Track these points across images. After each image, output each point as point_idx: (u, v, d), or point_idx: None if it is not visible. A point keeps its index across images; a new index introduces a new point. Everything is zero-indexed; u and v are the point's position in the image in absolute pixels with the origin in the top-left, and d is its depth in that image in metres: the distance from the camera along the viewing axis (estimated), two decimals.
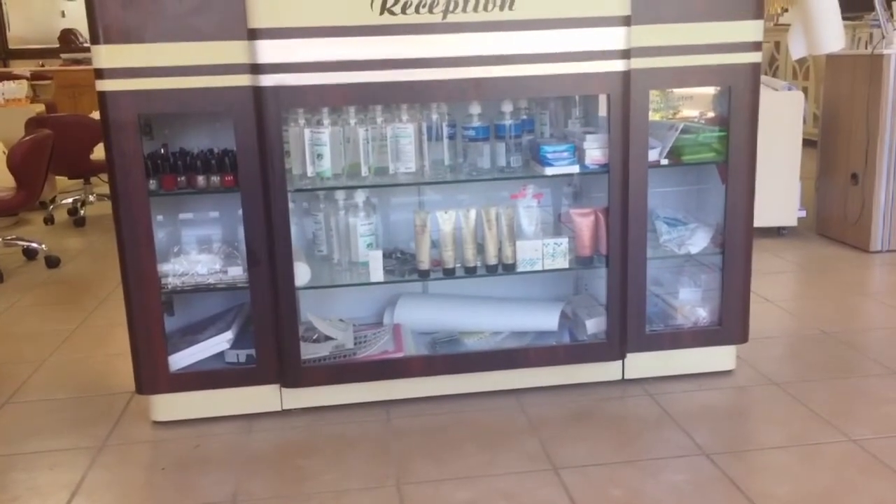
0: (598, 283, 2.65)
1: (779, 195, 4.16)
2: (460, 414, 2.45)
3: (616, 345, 2.52)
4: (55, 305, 3.76)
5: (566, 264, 2.50)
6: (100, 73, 2.17)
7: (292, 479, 2.14)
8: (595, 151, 2.42)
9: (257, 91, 2.20)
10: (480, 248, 2.47)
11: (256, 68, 2.18)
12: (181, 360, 2.43)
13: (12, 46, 9.64)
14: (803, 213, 4.31)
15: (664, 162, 2.50)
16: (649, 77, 2.36)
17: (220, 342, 2.48)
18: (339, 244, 2.56)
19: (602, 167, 2.42)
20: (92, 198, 5.66)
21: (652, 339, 2.57)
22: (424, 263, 2.46)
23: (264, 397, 2.45)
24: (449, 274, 2.47)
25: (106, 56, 2.16)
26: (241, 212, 2.30)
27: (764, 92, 2.51)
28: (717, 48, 2.37)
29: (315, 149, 2.37)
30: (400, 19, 2.19)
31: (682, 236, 2.60)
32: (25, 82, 6.65)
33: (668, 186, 2.77)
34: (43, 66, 8.98)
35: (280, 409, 2.47)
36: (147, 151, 2.35)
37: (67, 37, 9.40)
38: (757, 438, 2.29)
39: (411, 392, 2.52)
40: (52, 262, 4.37)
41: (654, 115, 2.56)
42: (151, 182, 2.30)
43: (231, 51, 2.18)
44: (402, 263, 2.56)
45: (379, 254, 2.44)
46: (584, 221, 2.49)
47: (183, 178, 2.34)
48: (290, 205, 2.32)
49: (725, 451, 2.19)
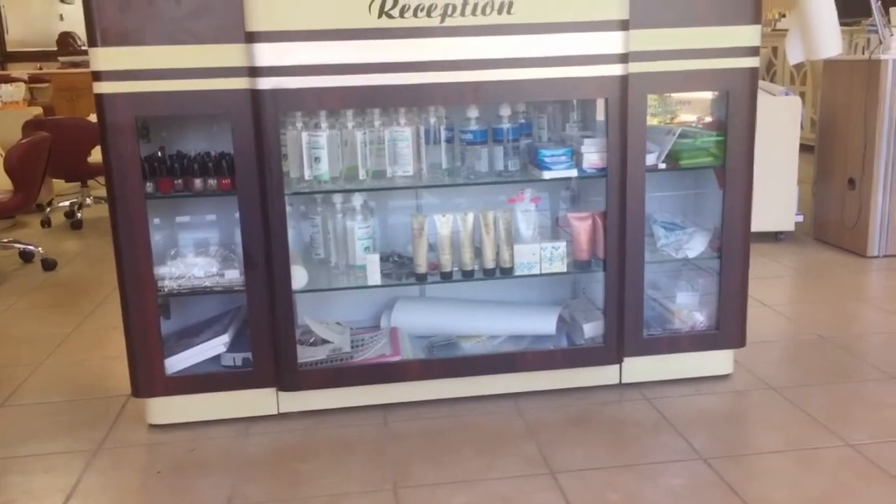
0: (595, 287, 2.65)
1: (776, 200, 4.17)
2: (457, 418, 2.45)
3: (613, 349, 2.52)
4: (51, 308, 3.75)
5: (564, 268, 2.50)
6: (97, 76, 2.17)
7: (289, 482, 2.13)
8: (593, 155, 2.42)
9: (255, 94, 2.20)
10: (478, 252, 2.47)
11: (254, 71, 2.18)
12: (177, 363, 2.42)
13: (10, 49, 9.64)
14: (800, 218, 4.32)
15: (662, 166, 2.50)
16: (647, 81, 2.36)
17: (216, 345, 2.47)
18: (337, 247, 2.55)
19: (600, 171, 2.42)
20: (89, 201, 5.66)
21: (649, 343, 2.56)
22: (422, 267, 2.45)
23: (261, 401, 2.45)
24: (446, 277, 2.47)
25: (103, 58, 2.16)
26: (238, 215, 2.30)
27: (761, 97, 2.52)
28: (714, 52, 2.38)
29: (312, 152, 2.37)
30: (398, 23, 2.19)
31: (680, 240, 2.60)
32: (23, 85, 6.66)
33: (665, 191, 2.77)
34: (41, 69, 8.98)
35: (277, 412, 2.47)
36: (144, 154, 2.34)
37: (65, 40, 9.40)
38: (754, 443, 2.29)
39: (408, 396, 2.51)
40: (49, 265, 4.36)
41: (652, 120, 2.56)
42: (148, 185, 2.30)
43: (229, 54, 2.18)
44: (399, 267, 2.56)
45: (376, 257, 2.44)
46: (582, 225, 2.49)
47: (180, 182, 2.34)
48: (288, 208, 2.31)
49: (723, 456, 2.19)
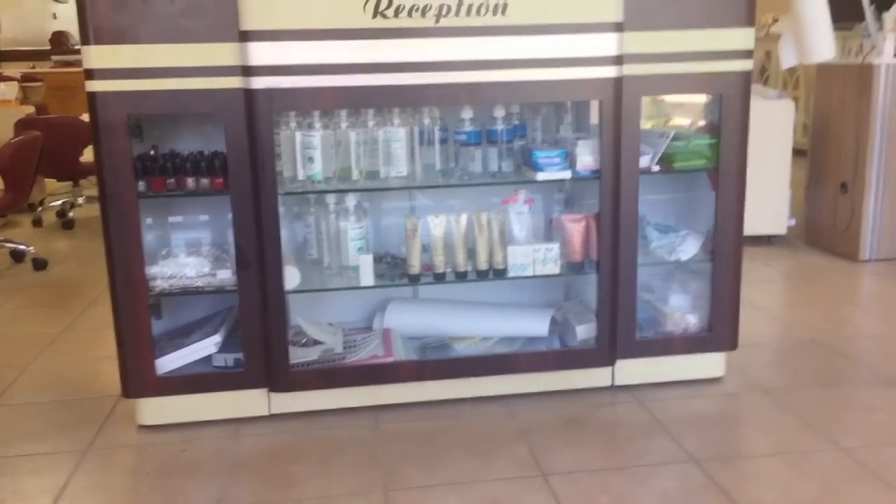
0: (588, 289, 2.65)
1: (769, 204, 4.18)
2: (449, 419, 2.44)
3: (606, 351, 2.52)
4: (42, 308, 3.73)
5: (557, 270, 2.50)
6: (90, 74, 2.16)
7: (279, 484, 2.12)
8: (587, 157, 2.42)
9: (249, 93, 2.19)
10: (471, 253, 2.47)
11: (248, 70, 2.17)
12: (168, 363, 2.41)
13: (3, 48, 9.60)
14: (793, 222, 4.33)
15: (655, 168, 2.50)
16: (641, 83, 2.36)
17: (207, 346, 2.46)
18: (330, 248, 2.54)
19: (593, 173, 2.42)
20: (81, 200, 5.63)
21: (642, 345, 2.56)
22: (415, 268, 2.45)
23: (252, 402, 2.43)
24: (439, 279, 2.47)
25: (96, 56, 2.15)
26: (230, 215, 2.29)
27: (755, 101, 2.51)
28: (708, 56, 2.38)
29: (306, 152, 2.36)
30: (392, 23, 2.19)
31: (673, 243, 2.60)
32: (16, 84, 6.63)
33: (659, 193, 2.77)
34: (34, 67, 8.94)
35: (268, 413, 2.45)
36: (137, 153, 2.33)
37: (59, 39, 9.37)
38: (746, 446, 2.29)
39: (400, 397, 2.51)
40: (40, 265, 4.33)
41: (645, 123, 2.56)
42: (140, 184, 2.29)
43: (222, 53, 2.17)
44: (392, 268, 2.55)
45: (369, 258, 2.43)
46: (576, 227, 2.49)
47: (172, 181, 2.33)
48: (281, 208, 2.31)
49: (714, 459, 2.19)
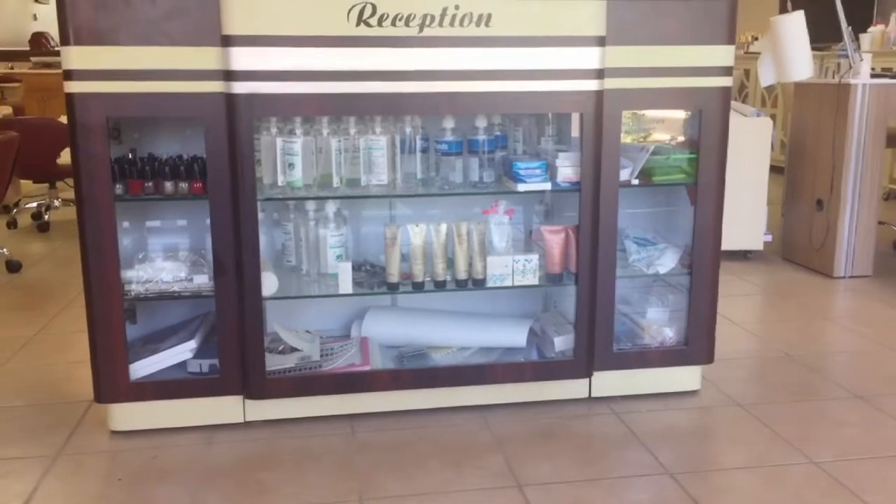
0: (567, 300, 2.66)
1: (746, 219, 4.22)
2: (425, 429, 2.43)
3: (583, 363, 2.53)
4: (15, 311, 3.67)
5: (536, 281, 2.50)
6: (69, 75, 2.14)
7: (252, 492, 2.10)
8: (567, 169, 2.44)
9: (230, 98, 2.18)
10: (451, 263, 2.47)
11: (229, 75, 2.16)
12: (142, 368, 2.38)
13: None
14: (769, 238, 4.38)
15: (635, 182, 2.52)
16: (622, 97, 2.38)
17: (182, 351, 2.44)
18: (308, 255, 2.53)
19: (574, 185, 2.44)
20: (57, 203, 5.57)
21: (619, 357, 2.57)
22: (394, 276, 2.44)
23: (227, 408, 2.41)
24: (418, 288, 2.46)
25: (76, 57, 2.13)
26: (208, 220, 2.27)
27: (733, 118, 2.55)
28: (689, 71, 2.40)
29: (286, 158, 2.35)
30: (376, 31, 2.19)
31: (651, 256, 2.62)
32: None
33: (638, 207, 2.79)
34: (12, 68, 8.85)
35: (243, 420, 2.43)
36: (115, 156, 2.31)
37: (38, 40, 9.28)
38: (720, 459, 2.30)
39: (377, 406, 2.49)
40: (14, 267, 4.28)
41: (625, 138, 2.58)
42: (118, 186, 2.26)
43: (204, 57, 2.16)
44: (371, 276, 2.55)
45: (348, 266, 2.42)
46: (555, 239, 2.50)
47: (150, 184, 2.31)
48: (260, 214, 2.29)
49: (689, 471, 2.20)
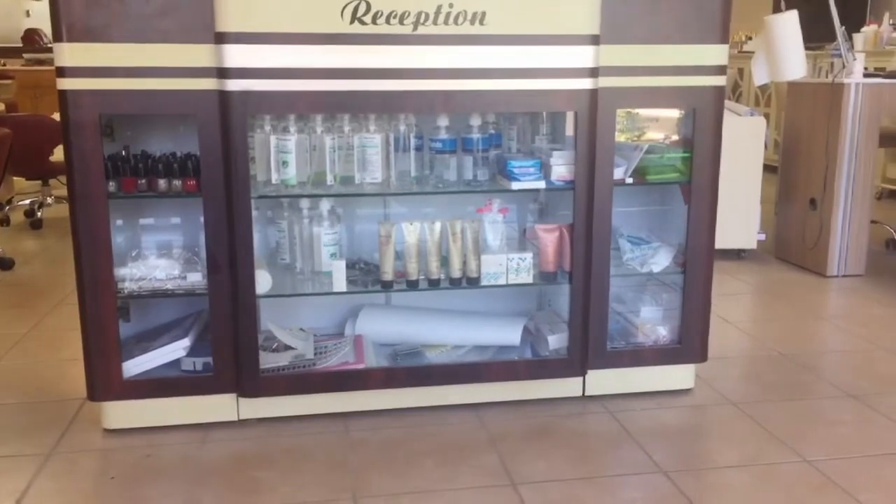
0: (561, 299, 2.66)
1: (739, 218, 4.23)
2: (419, 427, 2.43)
3: (577, 361, 2.53)
4: (7, 308, 3.66)
5: (530, 279, 2.50)
6: (61, 72, 2.13)
7: (246, 490, 2.09)
8: (561, 168, 2.44)
9: (223, 95, 2.17)
10: (445, 261, 2.47)
11: (223, 72, 2.16)
12: (135, 366, 2.37)
13: None
14: (763, 237, 4.39)
15: (629, 181, 2.52)
16: (616, 96, 2.38)
17: (176, 349, 2.43)
18: (302, 253, 2.53)
19: (568, 183, 2.44)
20: (50, 200, 5.55)
21: (613, 356, 2.58)
22: (388, 275, 2.44)
23: (220, 407, 2.41)
24: (412, 286, 2.46)
25: (69, 54, 2.12)
26: (202, 217, 2.27)
27: (727, 117, 2.55)
28: (683, 70, 2.40)
29: (280, 156, 2.35)
30: (370, 29, 2.19)
31: (645, 255, 2.62)
32: None
33: (632, 205, 2.79)
34: (5, 65, 8.80)
35: (236, 419, 2.43)
36: (108, 153, 2.30)
37: (31, 37, 9.24)
38: (714, 457, 2.31)
39: (371, 404, 2.49)
40: (6, 264, 4.26)
41: (620, 137, 2.59)
42: (111, 184, 2.25)
43: (197, 54, 2.15)
44: (365, 274, 2.54)
45: (342, 264, 2.42)
46: (549, 237, 2.49)
47: (144, 182, 2.30)
48: (254, 212, 2.29)
49: (682, 470, 2.20)
